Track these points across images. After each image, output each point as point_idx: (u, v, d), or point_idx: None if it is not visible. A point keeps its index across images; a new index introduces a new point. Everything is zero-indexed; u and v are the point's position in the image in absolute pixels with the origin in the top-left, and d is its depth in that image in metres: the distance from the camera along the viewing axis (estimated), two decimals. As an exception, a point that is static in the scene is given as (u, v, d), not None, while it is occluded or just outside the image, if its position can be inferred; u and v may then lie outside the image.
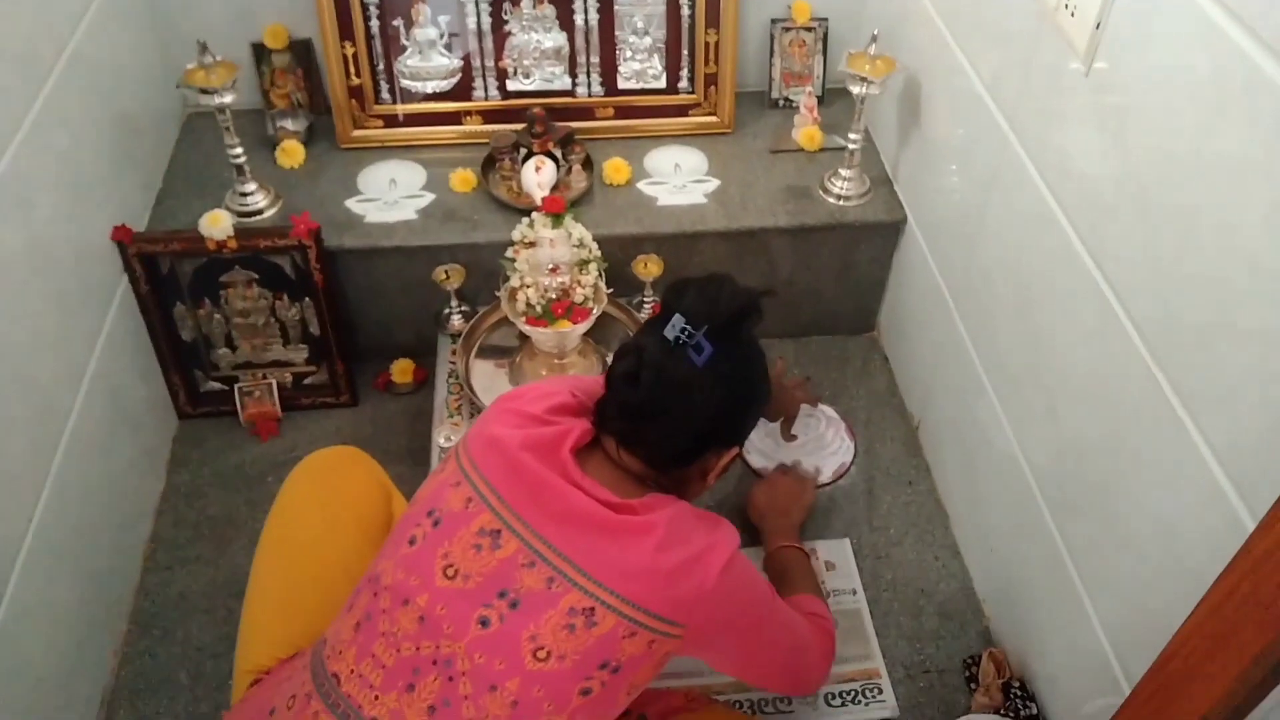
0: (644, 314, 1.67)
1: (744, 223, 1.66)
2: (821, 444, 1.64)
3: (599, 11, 1.73)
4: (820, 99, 1.85)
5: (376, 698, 0.94)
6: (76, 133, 1.40)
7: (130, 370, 1.54)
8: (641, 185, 1.72)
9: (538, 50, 1.75)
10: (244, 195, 1.63)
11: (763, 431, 1.61)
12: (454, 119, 1.78)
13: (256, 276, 1.59)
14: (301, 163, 1.74)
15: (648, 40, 1.76)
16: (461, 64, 1.74)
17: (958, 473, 1.55)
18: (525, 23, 1.73)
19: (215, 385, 1.68)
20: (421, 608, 0.94)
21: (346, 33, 1.68)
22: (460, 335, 1.64)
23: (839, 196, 1.69)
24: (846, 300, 1.82)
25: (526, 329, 1.50)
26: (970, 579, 1.50)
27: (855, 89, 1.56)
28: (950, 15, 1.46)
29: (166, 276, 1.56)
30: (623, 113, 1.81)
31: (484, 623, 0.93)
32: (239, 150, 1.58)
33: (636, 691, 0.99)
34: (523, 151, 1.67)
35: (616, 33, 1.75)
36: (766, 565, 1.38)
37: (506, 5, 1.70)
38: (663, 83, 1.80)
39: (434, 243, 1.62)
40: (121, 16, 1.59)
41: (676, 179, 1.73)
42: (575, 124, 1.74)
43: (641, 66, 1.79)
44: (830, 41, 1.83)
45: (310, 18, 1.69)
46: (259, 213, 1.63)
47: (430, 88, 1.75)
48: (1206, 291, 0.90)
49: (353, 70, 1.71)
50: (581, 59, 1.77)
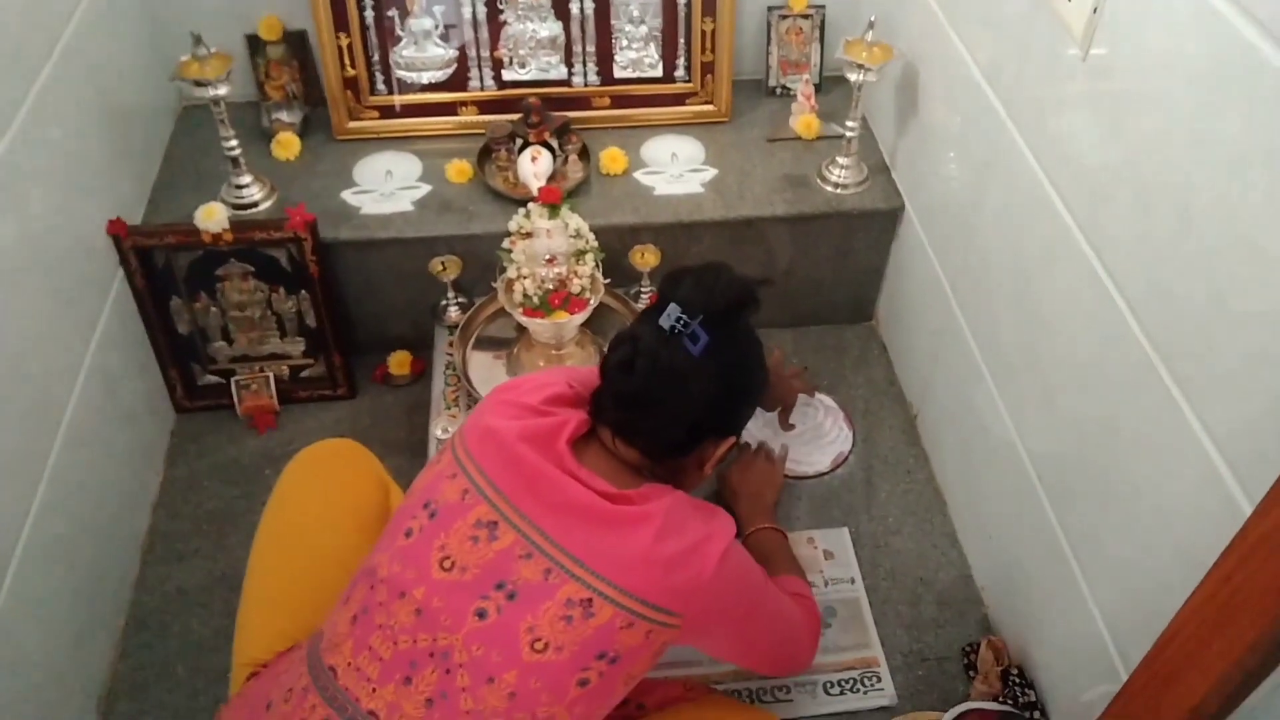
0: (641, 304, 1.66)
1: (741, 212, 1.65)
2: (820, 433, 1.65)
3: (594, 0, 1.72)
4: (817, 87, 1.84)
5: (374, 690, 0.94)
6: (71, 126, 1.39)
7: (127, 364, 1.53)
8: (638, 175, 1.71)
9: (533, 40, 1.74)
10: (239, 188, 1.62)
11: (760, 421, 1.61)
12: (449, 109, 1.77)
13: (253, 269, 1.59)
14: (297, 155, 1.73)
15: (644, 29, 1.75)
16: (457, 54, 1.73)
17: (956, 461, 1.55)
18: (520, 12, 1.72)
19: (212, 378, 1.68)
20: (418, 600, 0.94)
21: (341, 24, 1.68)
22: (457, 327, 1.64)
23: (836, 185, 1.68)
24: (844, 289, 1.82)
25: (523, 320, 1.49)
26: (969, 567, 1.50)
27: (852, 76, 1.55)
28: (947, 1, 1.45)
29: (162, 270, 1.55)
30: (619, 102, 1.80)
31: (481, 614, 0.93)
32: (234, 143, 1.58)
33: (634, 681, 0.99)
34: (519, 142, 1.66)
35: (612, 21, 1.74)
36: (746, 548, 1.38)
37: (501, -6, 1.70)
38: (659, 71, 1.79)
39: (430, 234, 1.62)
40: (115, 9, 1.58)
41: (673, 168, 1.73)
42: (571, 114, 1.74)
43: (637, 55, 1.78)
44: (827, 29, 1.82)
45: (304, 9, 1.68)
46: (254, 205, 1.63)
47: (426, 78, 1.74)
48: (1204, 277, 0.90)
49: (348, 61, 1.71)
50: (577, 48, 1.76)
